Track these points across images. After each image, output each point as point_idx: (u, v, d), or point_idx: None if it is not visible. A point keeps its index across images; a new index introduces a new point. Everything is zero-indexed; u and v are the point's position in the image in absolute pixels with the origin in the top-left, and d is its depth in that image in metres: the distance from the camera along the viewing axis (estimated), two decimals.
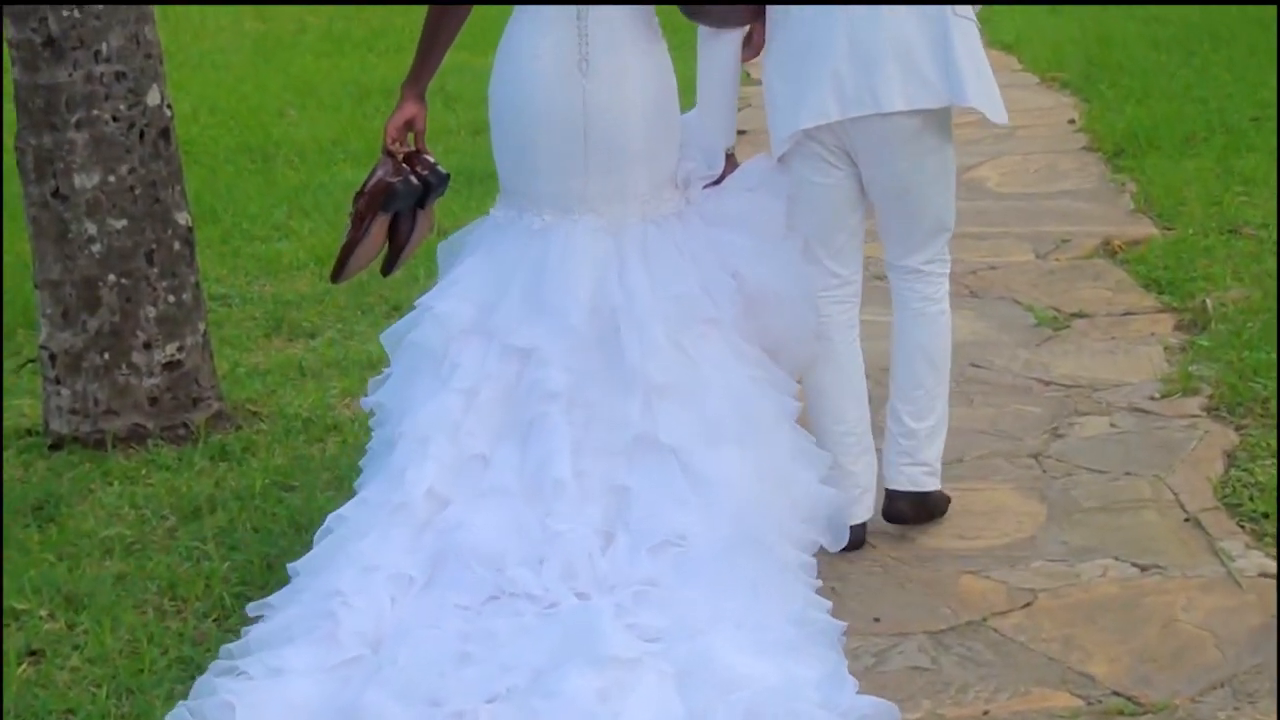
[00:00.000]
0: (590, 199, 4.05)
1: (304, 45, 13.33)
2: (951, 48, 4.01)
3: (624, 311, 3.97)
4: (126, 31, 4.98)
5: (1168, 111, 8.85)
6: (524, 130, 4.07)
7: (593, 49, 4.01)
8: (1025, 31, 11.92)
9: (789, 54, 4.10)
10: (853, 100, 4.02)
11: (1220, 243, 6.63)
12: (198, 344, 5.21)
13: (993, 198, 7.72)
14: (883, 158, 4.10)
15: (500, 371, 3.98)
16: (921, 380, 4.27)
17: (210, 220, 7.70)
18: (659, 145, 4.09)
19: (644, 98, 4.04)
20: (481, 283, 4.09)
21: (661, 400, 3.91)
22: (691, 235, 4.12)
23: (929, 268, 4.26)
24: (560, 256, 4.02)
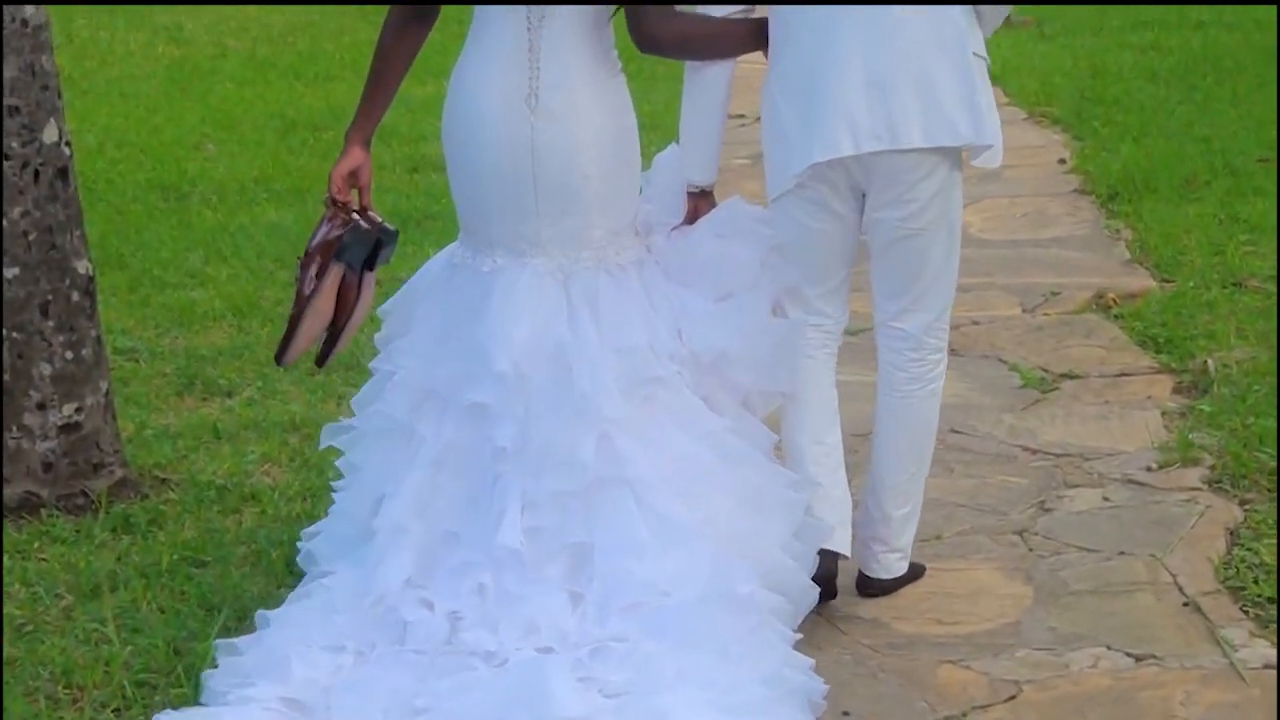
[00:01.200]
0: (543, 242, 4.12)
1: (224, 73, 13.32)
2: (972, 82, 4.12)
3: (573, 349, 4.04)
4: (20, 61, 4.95)
5: (1166, 151, 8.90)
6: (472, 168, 4.15)
7: (543, 84, 4.06)
8: (1012, 61, 11.99)
9: (796, 82, 4.17)
10: (868, 134, 4.10)
11: (1223, 297, 6.67)
12: (99, 404, 5.17)
13: (976, 245, 7.73)
14: (891, 196, 4.18)
15: (457, 436, 4.12)
16: (905, 467, 4.42)
17: (116, 266, 7.67)
18: (615, 188, 4.14)
19: (597, 137, 4.09)
20: (432, 334, 4.20)
21: (616, 437, 4.01)
22: (648, 288, 4.19)
23: (926, 338, 4.34)
24: (501, 301, 4.10)
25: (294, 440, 5.63)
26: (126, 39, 15.13)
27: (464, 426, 4.11)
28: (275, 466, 5.45)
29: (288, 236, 8.18)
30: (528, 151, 4.07)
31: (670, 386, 4.11)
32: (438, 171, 9.55)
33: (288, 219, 8.57)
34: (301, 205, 8.89)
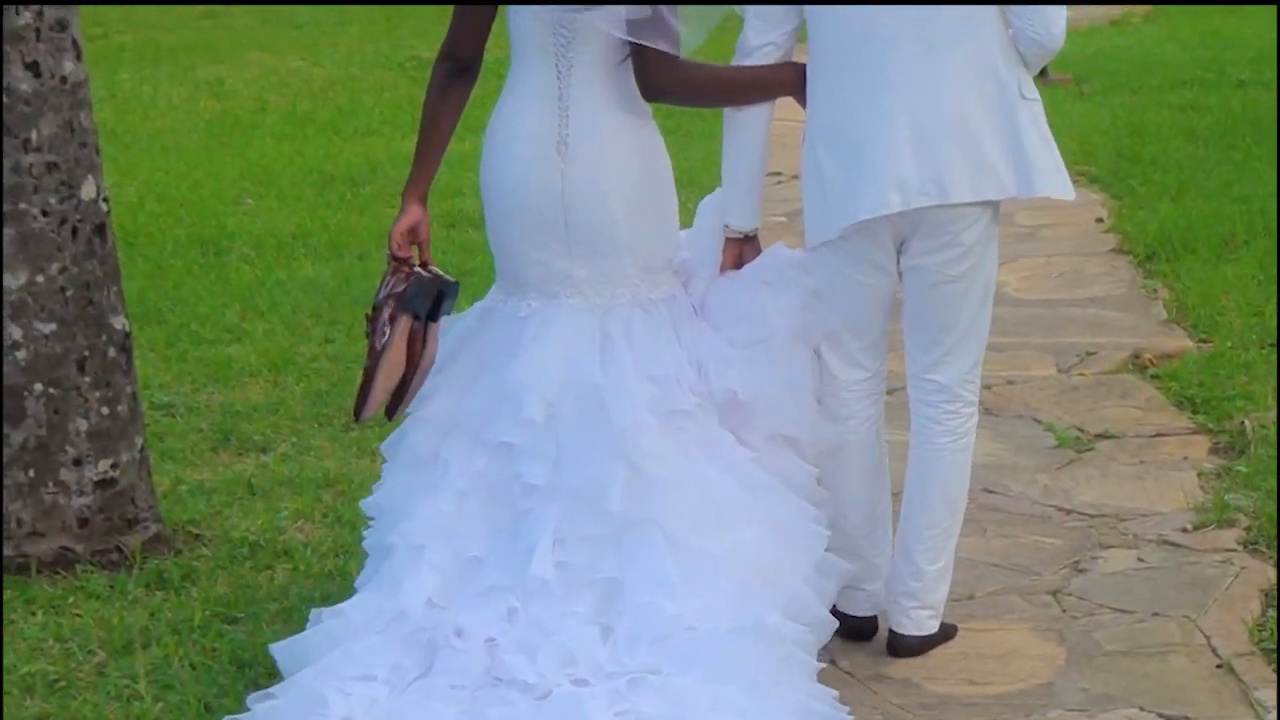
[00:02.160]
0: (577, 282, 4.20)
1: (264, 128, 13.41)
2: (1019, 132, 4.14)
3: (606, 388, 4.10)
4: (59, 118, 5.01)
5: (1205, 211, 8.89)
6: (506, 214, 4.24)
7: (572, 131, 4.16)
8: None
9: (840, 135, 4.20)
10: (916, 191, 4.13)
11: (1261, 358, 6.64)
12: (134, 460, 5.20)
13: (1011, 304, 7.74)
14: (934, 244, 4.22)
15: (486, 469, 4.17)
16: (938, 521, 4.42)
17: (154, 321, 7.73)
18: (646, 229, 4.22)
19: (625, 182, 4.18)
20: (463, 374, 4.27)
21: (647, 477, 4.06)
22: (677, 323, 4.27)
23: (960, 390, 4.37)
24: (534, 342, 4.17)
25: (327, 496, 5.66)
26: (169, 93, 15.25)
27: (494, 460, 4.17)
28: (308, 523, 5.47)
29: (324, 292, 8.23)
30: (558, 197, 4.17)
31: (697, 418, 4.18)
32: (475, 228, 9.59)
33: (324, 274, 8.62)
34: (338, 261, 8.94)
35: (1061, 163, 4.27)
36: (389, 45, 18.19)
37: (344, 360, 7.11)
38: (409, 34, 19.15)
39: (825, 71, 4.22)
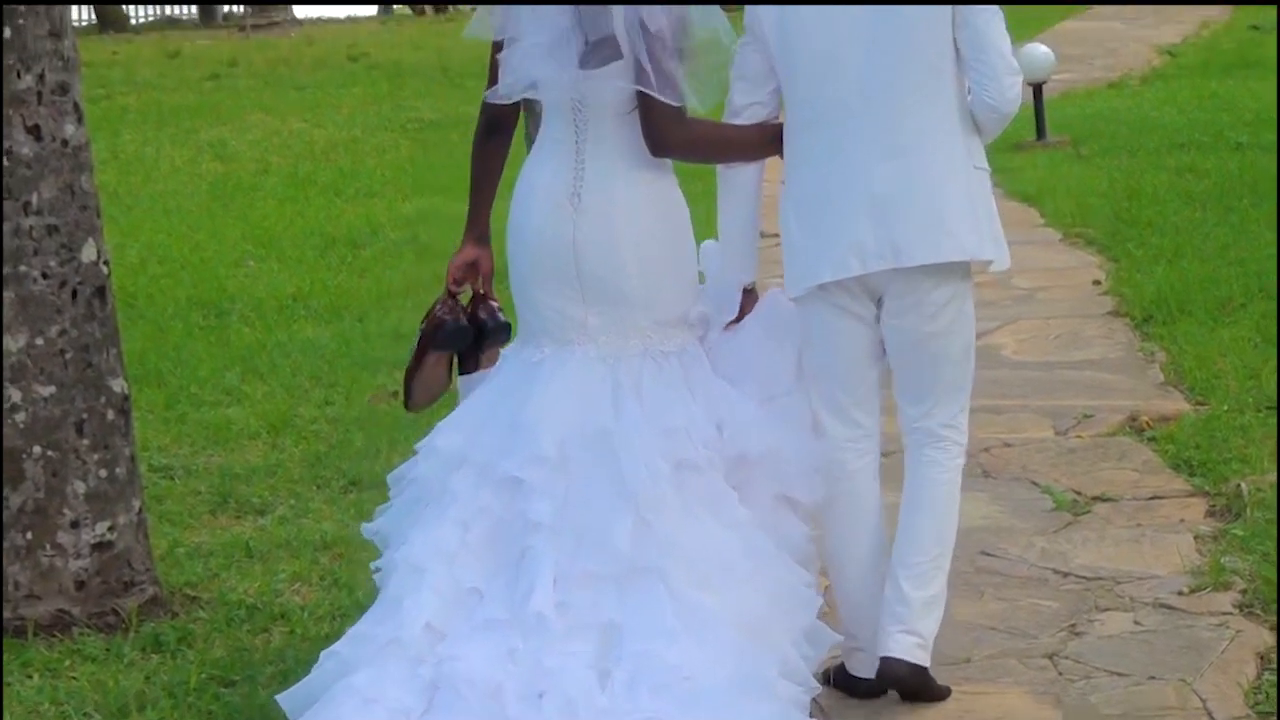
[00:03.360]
0: (590, 330, 4.28)
1: (266, 189, 13.48)
2: (974, 198, 4.29)
3: (618, 435, 4.16)
4: (60, 181, 5.03)
5: (1202, 274, 8.90)
6: (523, 263, 4.35)
7: (586, 182, 4.25)
8: (1048, 182, 12.05)
9: (807, 200, 4.33)
10: (874, 255, 4.25)
11: (1257, 420, 6.64)
12: (131, 522, 5.20)
13: (1009, 367, 7.75)
14: (904, 306, 4.33)
15: (491, 504, 4.21)
16: (925, 548, 4.46)
17: (154, 383, 7.74)
18: (658, 282, 4.29)
19: (636, 233, 4.26)
20: (475, 413, 4.35)
21: (654, 522, 4.11)
22: (689, 376, 4.31)
23: (946, 432, 4.47)
24: (547, 383, 4.25)
25: (325, 559, 5.66)
26: (171, 155, 15.34)
27: (500, 495, 4.21)
28: (305, 586, 5.47)
29: (324, 354, 8.25)
30: (570, 246, 4.26)
31: (704, 472, 4.22)
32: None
33: (324, 336, 8.64)
34: (338, 323, 8.97)
35: (1001, 231, 4.39)
36: (391, 107, 18.30)
37: (343, 423, 7.13)
38: (411, 96, 19.28)
39: (794, 137, 4.36)
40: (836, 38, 4.26)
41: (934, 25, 4.25)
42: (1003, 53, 4.30)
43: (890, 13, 4.23)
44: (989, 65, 4.28)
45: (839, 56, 4.26)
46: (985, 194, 4.36)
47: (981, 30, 4.27)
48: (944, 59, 4.28)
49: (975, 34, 4.26)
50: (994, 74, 4.27)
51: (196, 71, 22.95)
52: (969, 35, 4.26)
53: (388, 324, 8.86)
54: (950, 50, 4.28)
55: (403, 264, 10.50)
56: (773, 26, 4.33)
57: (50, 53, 5.02)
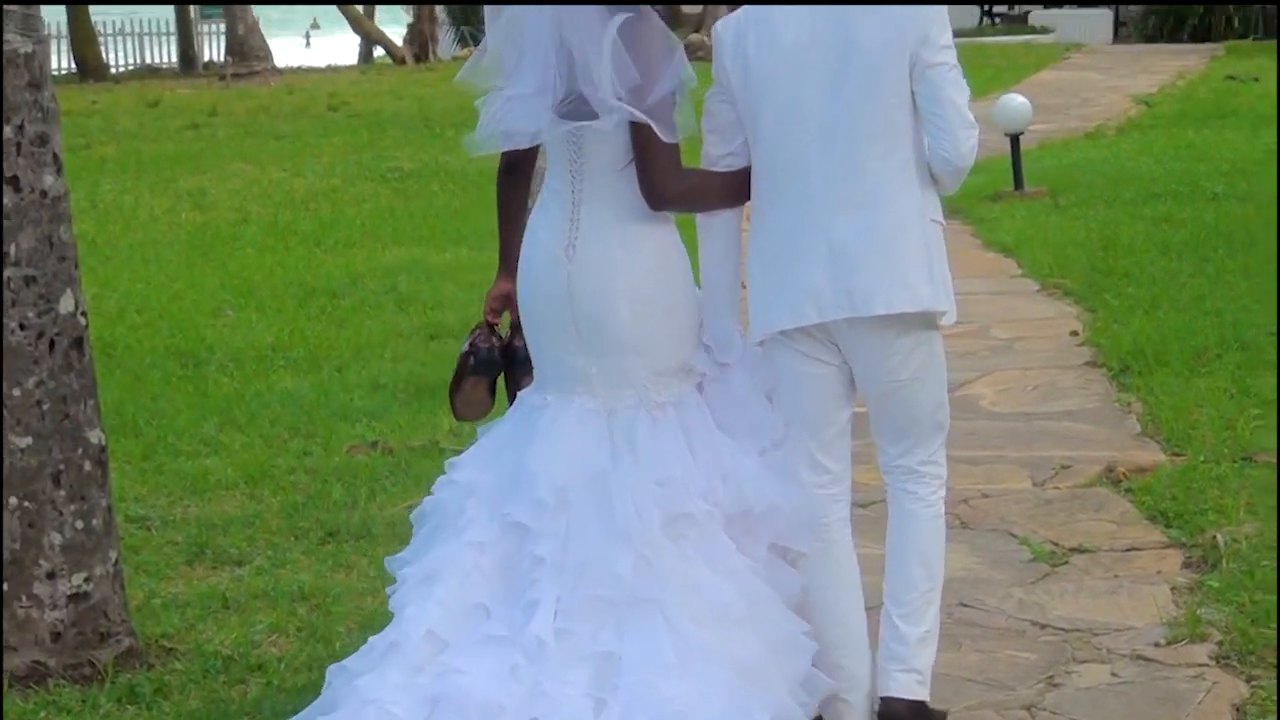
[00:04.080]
0: (590, 380, 4.34)
1: (246, 239, 13.47)
2: (930, 249, 4.34)
3: (614, 478, 4.24)
4: (39, 232, 5.03)
5: (1178, 324, 8.93)
6: (527, 314, 4.45)
7: (580, 234, 4.31)
8: (1026, 233, 12.07)
9: (768, 248, 4.40)
10: (830, 304, 4.32)
11: (1233, 471, 6.66)
12: (108, 573, 5.19)
13: (987, 418, 7.76)
14: (869, 356, 4.39)
15: (501, 540, 4.29)
16: (916, 583, 4.53)
17: (131, 433, 7.73)
18: (653, 332, 4.34)
19: (629, 284, 4.31)
20: (486, 454, 4.45)
21: (651, 564, 4.17)
22: (686, 427, 4.35)
23: (925, 469, 4.55)
24: (547, 430, 4.33)
25: (302, 610, 5.64)
26: (150, 204, 15.33)
27: (508, 535, 4.29)
28: (283, 637, 5.45)
29: (302, 405, 8.24)
30: (566, 299, 4.32)
31: (701, 523, 4.26)
32: (454, 339, 9.61)
33: (303, 387, 8.63)
34: (317, 373, 8.95)
35: (951, 285, 4.45)
36: (371, 156, 18.31)
37: (321, 474, 7.11)
38: (391, 145, 19.29)
39: (760, 183, 4.42)
40: (799, 89, 4.32)
41: (894, 78, 4.30)
42: (959, 106, 4.35)
43: (852, 65, 4.29)
44: (944, 119, 4.33)
45: (801, 108, 4.32)
46: (940, 247, 4.42)
47: (937, 84, 4.32)
48: (903, 112, 4.33)
49: (931, 88, 4.31)
50: (949, 127, 4.33)
51: (176, 121, 22.97)
52: (925, 89, 4.32)
53: (367, 374, 8.86)
54: (909, 104, 4.34)
55: (382, 314, 10.49)
56: (738, 78, 4.38)
57: (29, 104, 5.03)
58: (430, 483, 6.30)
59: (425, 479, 6.82)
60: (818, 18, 4.31)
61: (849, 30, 4.29)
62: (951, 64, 4.35)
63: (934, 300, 4.35)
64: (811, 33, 4.31)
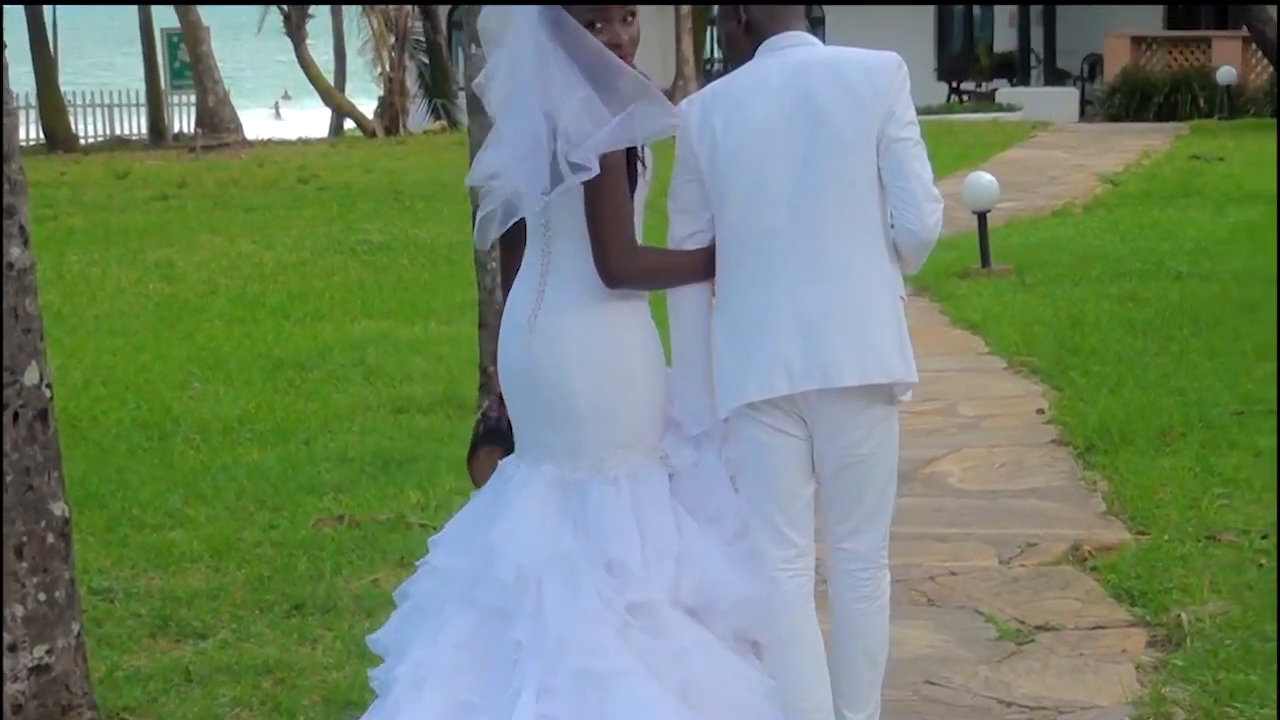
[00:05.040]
0: (554, 451, 4.37)
1: (213, 311, 13.47)
2: (898, 322, 4.39)
3: (580, 558, 4.26)
4: (4, 304, 5.02)
5: (1143, 403, 8.98)
6: (500, 382, 4.49)
7: (543, 305, 4.35)
8: (993, 310, 12.13)
9: (736, 321, 4.42)
10: (802, 375, 4.35)
11: (1197, 550, 6.69)
12: (70, 646, 5.15)
13: (954, 495, 7.78)
14: (834, 428, 4.42)
15: (480, 627, 4.31)
16: (861, 676, 4.60)
17: (95, 505, 7.70)
18: (609, 404, 4.34)
19: (583, 358, 4.33)
20: (460, 528, 4.47)
21: (627, 637, 4.20)
22: (639, 504, 4.34)
23: (873, 556, 4.56)
24: (510, 502, 4.36)
25: (267, 684, 5.61)
26: (118, 275, 15.31)
27: (486, 621, 4.31)
28: (246, 711, 5.42)
29: (269, 477, 8.22)
30: (528, 368, 4.37)
31: (656, 608, 4.26)
32: (422, 413, 9.62)
33: (270, 459, 8.61)
34: (284, 446, 8.94)
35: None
36: (341, 229, 18.33)
37: (287, 546, 7.09)
38: (361, 218, 19.31)
39: (726, 259, 4.45)
40: (768, 165, 4.37)
41: (862, 154, 4.36)
42: (924, 180, 4.41)
43: (821, 142, 4.35)
44: (909, 192, 4.38)
45: (770, 183, 4.37)
46: (904, 321, 4.47)
47: (902, 159, 4.38)
48: (870, 188, 4.39)
49: (897, 162, 4.37)
50: (914, 201, 4.38)
51: (145, 192, 22.98)
52: (891, 164, 4.37)
53: (334, 447, 8.84)
54: (876, 179, 4.39)
55: (350, 387, 10.49)
56: (705, 156, 4.42)
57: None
58: (397, 557, 6.34)
59: (392, 553, 6.86)
60: (785, 96, 4.37)
61: (817, 108, 4.34)
62: (916, 139, 4.41)
63: (905, 371, 4.40)
64: (780, 111, 4.36)
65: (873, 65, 4.40)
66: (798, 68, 4.39)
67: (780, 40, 4.45)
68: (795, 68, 4.39)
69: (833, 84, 4.35)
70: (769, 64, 4.42)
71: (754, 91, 4.39)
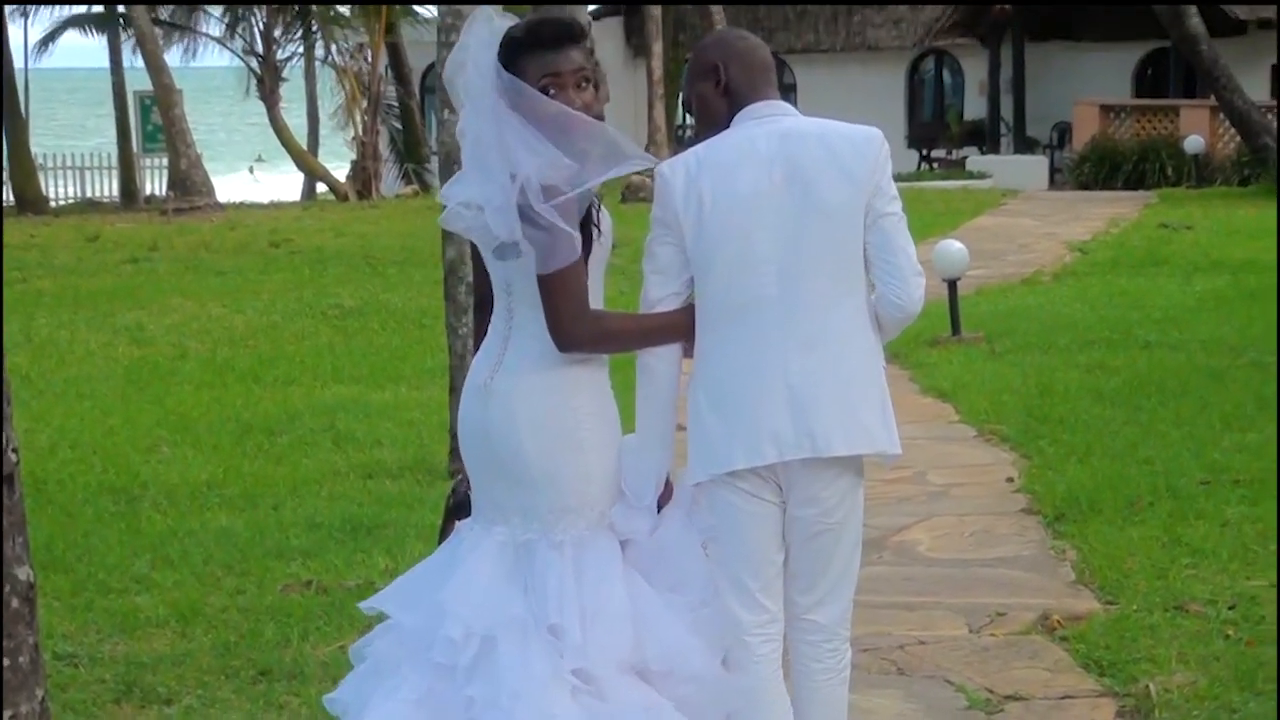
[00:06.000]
0: (506, 512, 4.38)
1: (183, 375, 13.44)
2: (881, 391, 4.45)
3: (530, 622, 4.27)
4: None
5: (1111, 472, 9.00)
6: (459, 443, 4.51)
7: (502, 368, 4.38)
8: (963, 378, 12.16)
9: (721, 388, 4.44)
10: (791, 444, 4.38)
11: (1165, 620, 6.69)
12: (33, 711, 5.11)
13: (924, 564, 7.77)
14: (810, 494, 4.45)
15: (435, 688, 4.32)
16: None
17: (61, 570, 7.66)
18: (557, 468, 4.36)
19: (534, 420, 4.35)
20: (411, 585, 4.52)
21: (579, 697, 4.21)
22: (580, 571, 4.34)
23: (839, 629, 4.59)
24: (462, 562, 4.38)
25: None
26: (87, 339, 15.27)
27: (439, 676, 4.31)
28: None
29: (237, 543, 8.18)
30: (483, 430, 4.39)
31: (585, 673, 4.25)
32: (391, 479, 9.60)
33: (238, 524, 8.58)
34: (253, 511, 8.90)
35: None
36: (312, 293, 18.32)
37: (254, 612, 7.06)
38: (332, 282, 19.30)
39: (711, 326, 4.46)
40: (756, 234, 4.39)
41: (851, 226, 4.40)
42: (909, 254, 4.46)
43: (811, 213, 4.38)
44: (897, 266, 4.43)
45: (759, 252, 4.39)
46: (887, 391, 4.52)
47: (890, 233, 4.43)
48: (857, 259, 4.43)
49: (884, 237, 4.42)
50: (902, 275, 4.43)
51: (116, 255, 22.96)
52: (878, 238, 4.42)
53: (303, 512, 8.81)
54: (862, 251, 4.43)
55: (320, 452, 10.46)
56: (691, 223, 4.42)
57: None
58: (365, 623, 6.29)
59: (359, 619, 6.79)
60: (774, 166, 4.40)
61: (807, 179, 4.38)
62: (900, 214, 4.46)
63: (887, 442, 4.45)
64: (769, 180, 4.39)
65: (859, 139, 4.45)
66: (785, 137, 4.42)
67: (760, 109, 4.48)
68: (782, 137, 4.42)
69: (822, 156, 4.40)
70: (754, 132, 4.44)
71: (742, 160, 4.42)
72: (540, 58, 4.32)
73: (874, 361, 4.48)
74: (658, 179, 4.49)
